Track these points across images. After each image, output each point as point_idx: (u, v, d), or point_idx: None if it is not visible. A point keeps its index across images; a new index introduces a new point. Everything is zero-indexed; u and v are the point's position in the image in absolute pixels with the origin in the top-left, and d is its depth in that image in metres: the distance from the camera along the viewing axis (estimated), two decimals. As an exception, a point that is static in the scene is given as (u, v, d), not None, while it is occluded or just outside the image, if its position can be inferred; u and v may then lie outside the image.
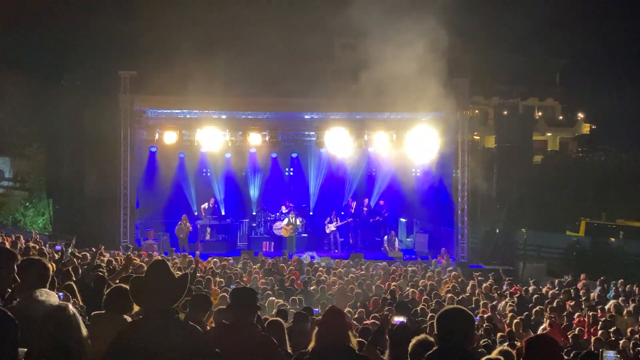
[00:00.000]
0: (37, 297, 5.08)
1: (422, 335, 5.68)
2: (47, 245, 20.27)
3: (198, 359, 4.68)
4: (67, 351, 4.62)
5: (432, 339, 5.20)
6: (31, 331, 4.40)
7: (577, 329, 14.54)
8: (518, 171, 28.19)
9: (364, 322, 11.72)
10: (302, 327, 8.53)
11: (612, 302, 18.09)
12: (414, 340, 5.60)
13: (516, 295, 18.62)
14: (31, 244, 19.18)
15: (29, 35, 34.67)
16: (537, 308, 16.34)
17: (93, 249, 21.64)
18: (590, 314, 15.81)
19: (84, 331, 4.89)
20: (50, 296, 5.20)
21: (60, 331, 4.66)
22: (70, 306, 4.93)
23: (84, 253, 19.64)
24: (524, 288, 20.56)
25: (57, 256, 15.78)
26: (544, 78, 65.80)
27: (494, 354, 6.06)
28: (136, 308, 6.44)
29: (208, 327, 7.66)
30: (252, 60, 26.06)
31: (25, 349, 4.31)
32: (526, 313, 15.74)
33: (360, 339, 7.67)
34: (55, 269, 11.73)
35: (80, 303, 9.58)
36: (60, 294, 9.32)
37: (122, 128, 26.66)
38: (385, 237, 28.90)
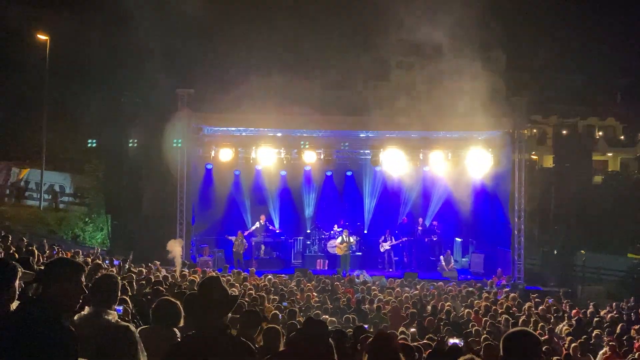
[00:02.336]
0: (104, 314, 5.17)
1: (469, 356, 5.58)
2: (107, 262, 20.60)
3: None
4: None
5: None
6: (90, 347, 4.45)
7: (638, 353, 14.14)
8: (577, 192, 27.71)
9: (418, 342, 11.57)
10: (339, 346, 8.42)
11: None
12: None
13: (574, 318, 18.23)
14: (89, 259, 19.49)
15: (90, 53, 35.43)
16: (597, 332, 15.98)
17: (150, 264, 21.94)
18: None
19: (141, 353, 4.95)
20: (115, 316, 5.28)
21: (120, 350, 4.73)
22: (132, 327, 5.00)
23: (140, 269, 19.90)
24: (583, 311, 20.11)
25: (115, 271, 16.01)
26: (605, 97, 64.78)
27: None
28: (182, 322, 6.49)
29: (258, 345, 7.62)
30: (308, 78, 26.18)
31: None
32: (585, 336, 15.37)
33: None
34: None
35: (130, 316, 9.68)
36: (119, 308, 9.45)
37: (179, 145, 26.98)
38: (442, 256, 28.62)
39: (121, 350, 4.77)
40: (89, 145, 30.33)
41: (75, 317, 5.08)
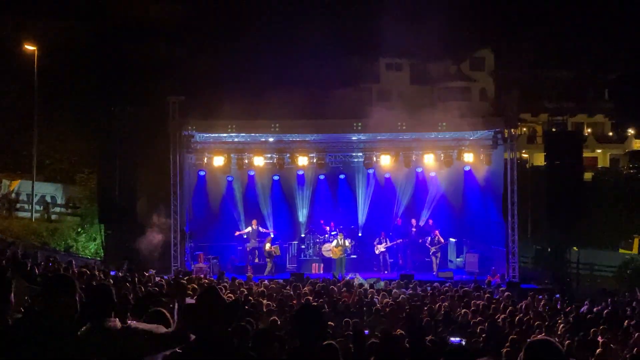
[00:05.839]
0: (106, 324, 5.20)
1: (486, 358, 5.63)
2: (101, 272, 20.55)
3: None
4: None
5: None
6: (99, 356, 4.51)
7: (635, 349, 14.21)
8: (568, 189, 27.78)
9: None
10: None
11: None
12: None
13: (571, 315, 18.31)
14: (84, 269, 19.46)
15: (79, 63, 35.34)
16: (594, 328, 16.04)
17: (145, 273, 21.91)
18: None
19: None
20: (117, 322, 5.32)
21: (133, 349, 4.78)
22: (132, 323, 5.05)
23: (135, 278, 19.87)
24: (577, 306, 20.19)
25: (112, 281, 15.99)
26: (593, 94, 65.03)
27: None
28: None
29: None
30: (300, 82, 26.22)
31: None
32: (582, 333, 15.44)
33: None
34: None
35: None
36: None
37: (171, 153, 26.97)
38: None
39: (133, 348, 4.82)
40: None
41: (79, 333, 5.12)
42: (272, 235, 29.04)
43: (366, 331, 13.28)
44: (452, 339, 7.28)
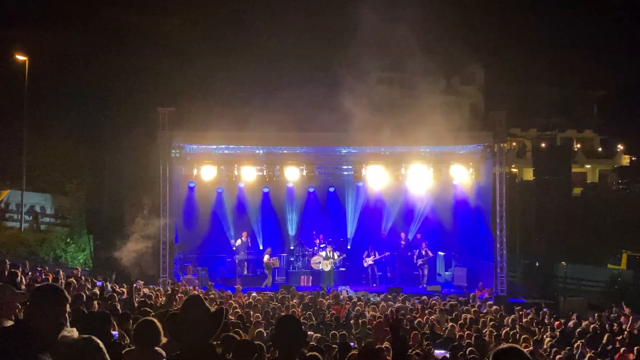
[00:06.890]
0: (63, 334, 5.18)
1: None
2: (89, 282, 20.50)
3: None
4: None
5: None
6: None
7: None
8: (557, 204, 27.91)
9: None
10: None
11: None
12: None
13: (558, 330, 18.37)
14: (71, 280, 19.40)
15: (70, 73, 35.32)
16: (579, 342, 16.11)
17: (133, 284, 21.83)
18: (635, 349, 15.51)
19: None
20: (73, 332, 5.29)
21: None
22: (94, 338, 4.99)
23: (122, 289, 19.83)
24: (564, 322, 20.25)
25: (98, 292, 15.93)
26: (582, 109, 65.42)
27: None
28: (164, 340, 6.50)
29: None
30: (289, 95, 26.27)
31: None
32: (568, 347, 15.51)
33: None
34: (98, 305, 11.84)
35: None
36: (115, 333, 9.41)
37: (161, 164, 26.93)
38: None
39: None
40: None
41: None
42: (267, 248, 29.07)
43: (352, 344, 13.31)
44: (437, 351, 7.30)
